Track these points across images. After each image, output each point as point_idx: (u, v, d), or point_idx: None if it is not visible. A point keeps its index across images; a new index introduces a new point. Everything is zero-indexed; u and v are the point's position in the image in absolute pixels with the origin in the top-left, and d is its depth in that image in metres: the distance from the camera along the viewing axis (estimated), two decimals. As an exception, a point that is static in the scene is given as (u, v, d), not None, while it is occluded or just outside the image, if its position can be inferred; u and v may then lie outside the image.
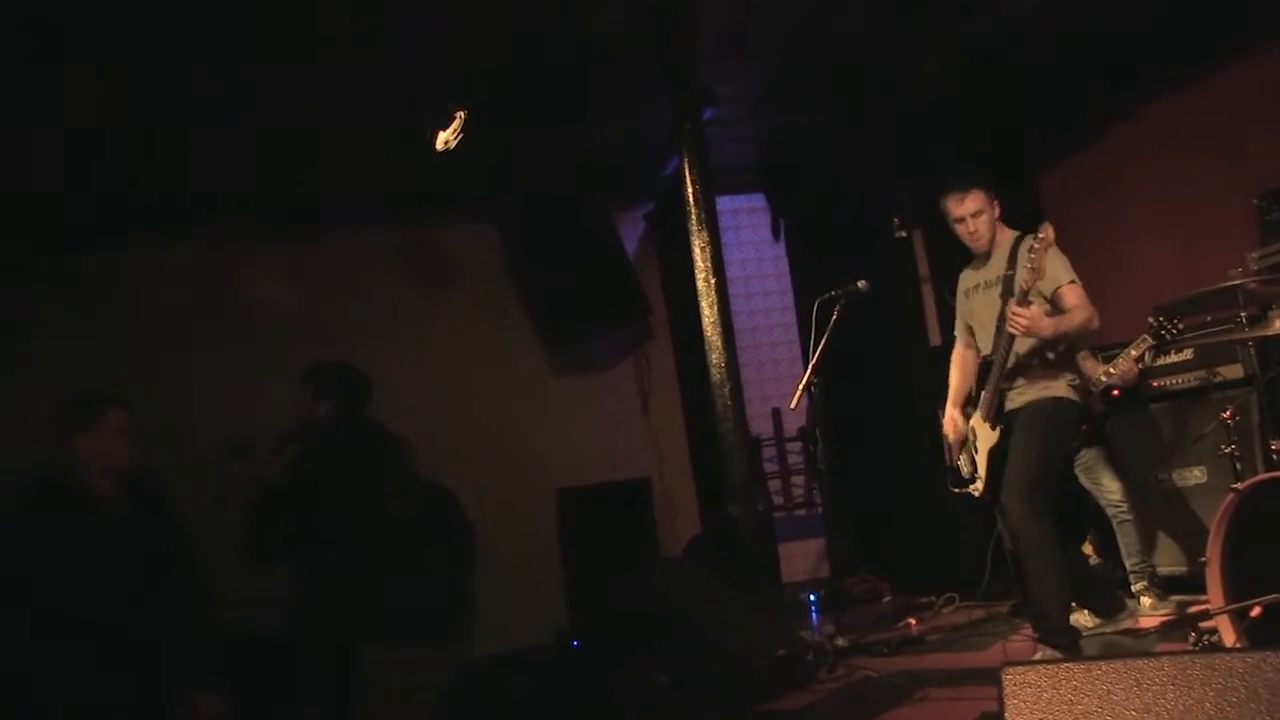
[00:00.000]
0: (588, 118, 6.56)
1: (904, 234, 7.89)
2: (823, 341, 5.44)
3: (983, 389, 4.67)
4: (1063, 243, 4.50)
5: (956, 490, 4.87)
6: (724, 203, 6.91)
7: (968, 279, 4.94)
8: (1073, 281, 4.48)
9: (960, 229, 4.74)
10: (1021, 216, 4.91)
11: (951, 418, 4.93)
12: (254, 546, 4.55)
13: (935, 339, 7.93)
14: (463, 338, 7.84)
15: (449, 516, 7.15)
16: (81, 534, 3.93)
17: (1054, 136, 7.22)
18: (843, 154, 7.53)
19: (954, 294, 5.09)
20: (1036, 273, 4.26)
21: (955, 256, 5.35)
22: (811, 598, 7.48)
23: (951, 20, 5.90)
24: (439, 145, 5.87)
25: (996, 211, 4.75)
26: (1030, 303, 4.34)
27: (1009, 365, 4.55)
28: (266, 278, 7.34)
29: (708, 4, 5.53)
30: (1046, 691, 2.06)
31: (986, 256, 4.78)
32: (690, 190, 6.03)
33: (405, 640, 4.13)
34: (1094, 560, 5.79)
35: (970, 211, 4.67)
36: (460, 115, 5.76)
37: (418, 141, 5.90)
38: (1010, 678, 2.07)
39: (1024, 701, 2.07)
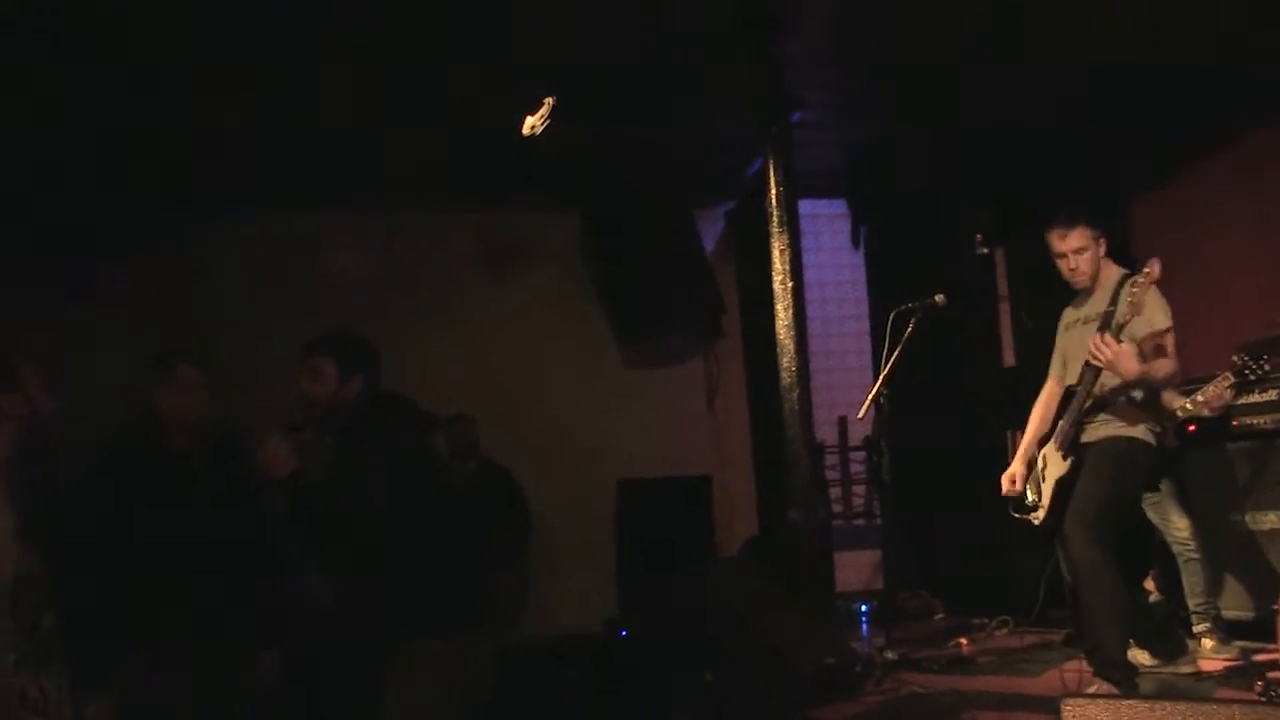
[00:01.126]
0: (676, 114, 6.56)
1: (985, 250, 7.82)
2: (896, 353, 5.40)
3: (1060, 418, 4.60)
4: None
5: (1016, 516, 4.81)
6: (804, 206, 6.84)
7: (1068, 315, 4.86)
8: (1169, 330, 4.40)
9: (1062, 265, 4.67)
10: (1110, 243, 4.81)
11: (1011, 474, 4.85)
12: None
13: (1009, 359, 7.85)
14: (536, 324, 7.90)
15: (506, 497, 7.23)
16: (158, 487, 4.02)
17: (1149, 163, 7.08)
18: (929, 165, 7.45)
19: (1031, 318, 5.03)
20: (1135, 307, 4.18)
21: (1036, 277, 5.27)
22: (863, 609, 7.44)
23: (1050, 43, 5.81)
24: (525, 130, 5.91)
25: (1102, 249, 4.65)
26: (1121, 340, 4.26)
27: (1090, 399, 4.47)
28: (342, 253, 7.45)
29: (802, 7, 5.50)
30: (1104, 726, 2.03)
31: (1088, 293, 4.71)
32: (773, 192, 6.00)
33: (448, 622, 3.97)
34: (1155, 597, 5.69)
35: (1073, 248, 4.60)
36: (548, 102, 5.80)
37: (505, 125, 5.96)
38: (1070, 709, 2.05)
39: (1081, 734, 2.05)
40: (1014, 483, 4.81)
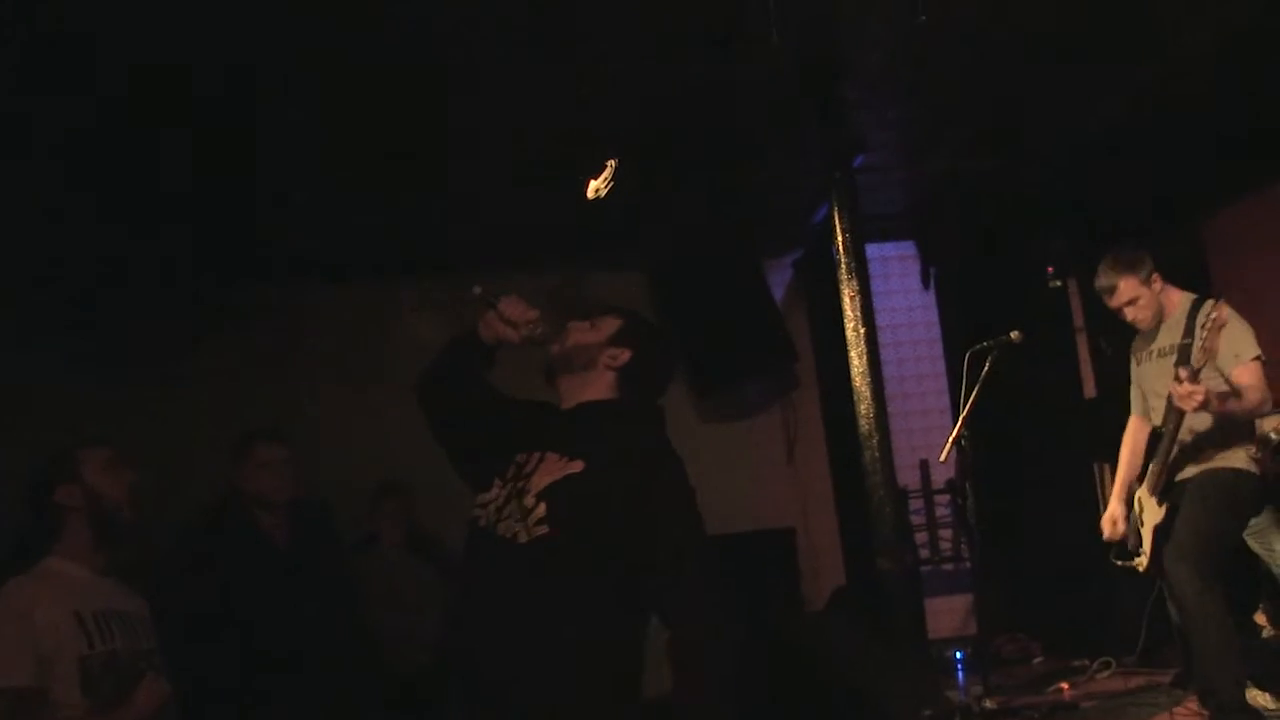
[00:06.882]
0: (738, 166, 6.57)
1: (1059, 283, 7.72)
2: (974, 393, 5.32)
3: (1150, 462, 4.49)
4: (1230, 295, 4.34)
5: (1119, 563, 4.69)
6: (873, 250, 6.81)
7: (1140, 344, 4.80)
8: (1256, 358, 4.29)
9: (1120, 314, 4.66)
10: (1183, 269, 4.75)
11: (1112, 516, 4.73)
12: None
13: (1090, 390, 7.71)
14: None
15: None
16: (242, 566, 4.06)
17: (1222, 182, 6.91)
18: (997, 201, 7.38)
19: (1111, 345, 4.96)
20: (1207, 354, 4.11)
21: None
22: (958, 656, 7.25)
23: (1115, 66, 5.73)
24: (590, 193, 5.92)
25: (1157, 286, 4.60)
26: (1200, 381, 4.16)
27: (1179, 439, 4.36)
28: (418, 318, 7.52)
29: (862, 51, 5.49)
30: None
31: (1158, 325, 4.64)
32: (840, 238, 5.98)
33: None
34: (1267, 631, 5.48)
35: (1124, 302, 4.58)
36: (611, 164, 5.82)
37: (569, 188, 5.99)
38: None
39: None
40: (1115, 524, 4.70)
